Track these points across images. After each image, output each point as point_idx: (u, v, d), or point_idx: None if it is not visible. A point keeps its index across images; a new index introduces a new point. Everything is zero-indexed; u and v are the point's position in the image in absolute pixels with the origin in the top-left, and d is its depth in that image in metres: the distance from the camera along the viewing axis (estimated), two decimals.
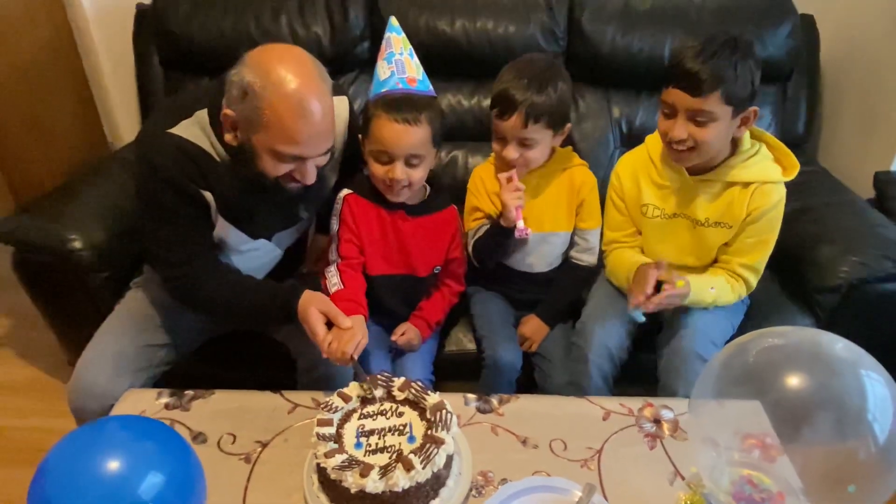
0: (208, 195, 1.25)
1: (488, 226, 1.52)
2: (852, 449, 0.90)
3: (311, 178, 1.22)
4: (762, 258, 1.45)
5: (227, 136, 1.20)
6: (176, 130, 1.22)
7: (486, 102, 2.02)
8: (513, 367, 1.51)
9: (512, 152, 1.42)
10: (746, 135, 1.39)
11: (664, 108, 1.35)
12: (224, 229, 1.31)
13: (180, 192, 1.22)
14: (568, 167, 1.53)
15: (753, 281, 1.47)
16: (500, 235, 1.47)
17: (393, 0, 2.00)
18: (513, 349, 1.54)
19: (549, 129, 1.41)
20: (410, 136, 1.32)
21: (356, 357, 1.20)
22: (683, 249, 1.50)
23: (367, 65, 2.06)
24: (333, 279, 1.42)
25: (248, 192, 1.26)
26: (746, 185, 1.39)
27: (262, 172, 1.19)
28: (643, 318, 1.40)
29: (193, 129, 1.22)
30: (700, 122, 1.30)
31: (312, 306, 1.25)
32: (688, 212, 1.46)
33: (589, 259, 1.59)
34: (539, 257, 1.57)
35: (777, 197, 1.40)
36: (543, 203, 1.52)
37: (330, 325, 1.24)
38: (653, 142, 1.49)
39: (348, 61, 2.05)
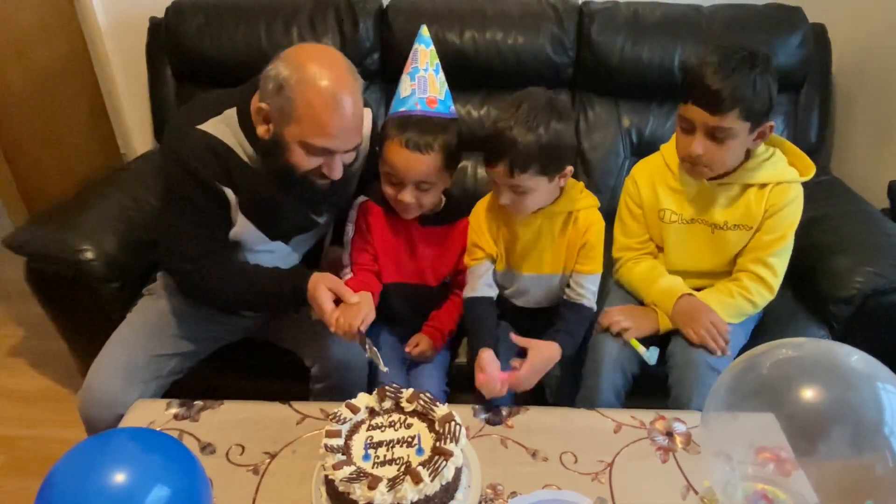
0: (230, 192, 1.28)
1: (488, 265, 1.43)
2: (869, 463, 0.88)
3: (338, 174, 1.25)
4: (779, 256, 1.42)
5: (260, 130, 1.24)
6: (204, 127, 1.25)
7: (496, 113, 2.04)
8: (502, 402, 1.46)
9: (505, 198, 1.30)
10: None
11: (682, 123, 1.35)
12: (243, 227, 1.33)
13: (203, 186, 1.25)
14: (575, 210, 1.38)
15: (772, 280, 1.43)
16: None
17: (402, 12, 2.01)
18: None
19: (542, 175, 1.26)
20: (421, 163, 1.31)
21: (363, 330, 1.24)
22: (703, 254, 1.49)
23: (377, 77, 2.07)
24: (346, 277, 1.43)
25: (274, 188, 1.29)
26: (763, 185, 1.40)
27: (291, 166, 1.23)
28: (655, 362, 1.41)
29: (221, 127, 1.26)
30: (718, 139, 1.30)
31: (321, 284, 1.28)
32: (706, 216, 1.45)
33: (589, 304, 1.43)
34: (538, 297, 1.50)
35: (794, 194, 1.40)
36: (545, 246, 1.41)
37: (338, 303, 1.28)
38: (668, 149, 1.49)
39: (358, 73, 2.06)
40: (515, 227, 1.40)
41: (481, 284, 1.42)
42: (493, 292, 1.44)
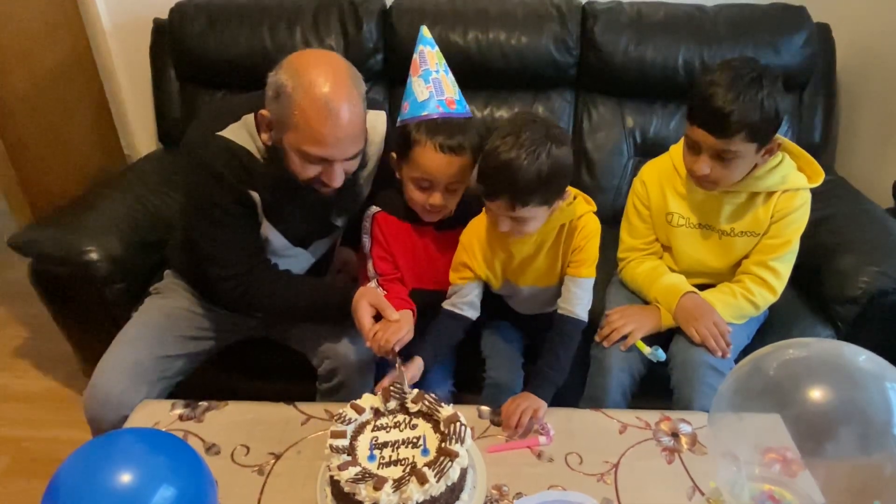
0: (255, 195, 1.29)
1: (473, 287, 1.39)
2: (877, 464, 0.88)
3: (337, 182, 1.25)
4: (783, 260, 1.43)
5: (263, 136, 1.25)
6: (224, 133, 1.26)
7: (500, 113, 2.04)
8: (511, 390, 1.45)
9: (504, 226, 1.26)
10: None
11: (688, 141, 1.35)
12: (267, 230, 1.34)
13: (233, 192, 1.27)
14: (567, 221, 1.34)
15: (775, 283, 1.44)
16: None
17: (406, 13, 2.01)
18: (514, 371, 1.50)
19: (543, 205, 1.23)
20: (455, 165, 1.31)
21: (397, 349, 1.24)
22: (710, 257, 1.49)
23: (381, 77, 2.07)
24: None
25: (283, 193, 1.30)
26: (771, 193, 1.40)
27: (292, 173, 1.23)
28: (664, 357, 1.42)
29: (241, 132, 1.27)
30: (724, 160, 1.30)
31: (364, 299, 1.30)
32: (713, 222, 1.46)
33: (580, 313, 1.35)
34: (539, 306, 1.49)
35: (801, 201, 1.40)
36: (540, 261, 1.38)
37: (378, 319, 1.29)
38: (677, 152, 1.48)
39: (362, 73, 2.04)
40: (510, 246, 1.37)
41: (464, 304, 1.39)
42: (474, 314, 1.40)
